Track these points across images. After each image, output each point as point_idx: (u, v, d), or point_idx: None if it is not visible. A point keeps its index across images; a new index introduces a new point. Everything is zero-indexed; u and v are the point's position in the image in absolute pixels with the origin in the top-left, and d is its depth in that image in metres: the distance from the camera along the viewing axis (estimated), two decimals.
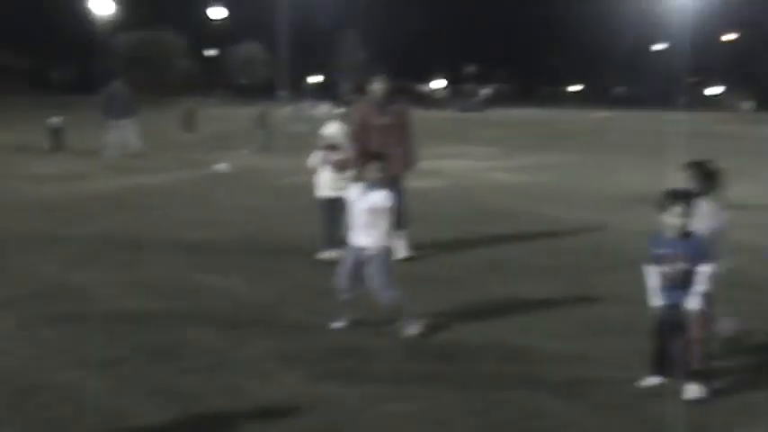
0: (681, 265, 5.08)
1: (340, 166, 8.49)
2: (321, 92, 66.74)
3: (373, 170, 6.19)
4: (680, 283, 5.09)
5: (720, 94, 75.01)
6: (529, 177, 17.09)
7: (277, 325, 6.35)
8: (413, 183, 9.76)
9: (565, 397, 4.99)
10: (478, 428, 4.55)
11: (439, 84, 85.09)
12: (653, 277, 5.24)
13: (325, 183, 8.70)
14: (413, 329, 6.14)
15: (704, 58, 65.57)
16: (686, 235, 5.12)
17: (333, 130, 9.02)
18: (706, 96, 75.22)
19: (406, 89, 78.95)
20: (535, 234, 10.48)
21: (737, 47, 74.12)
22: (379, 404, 4.85)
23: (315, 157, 8.81)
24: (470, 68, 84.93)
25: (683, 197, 5.13)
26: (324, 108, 9.87)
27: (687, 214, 5.08)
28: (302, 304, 6.91)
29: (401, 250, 8.73)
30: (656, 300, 5.22)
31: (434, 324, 6.28)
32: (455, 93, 65.23)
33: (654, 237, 5.26)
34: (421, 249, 9.05)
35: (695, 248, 5.10)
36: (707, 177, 5.74)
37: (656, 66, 73.12)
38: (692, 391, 4.99)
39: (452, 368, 5.47)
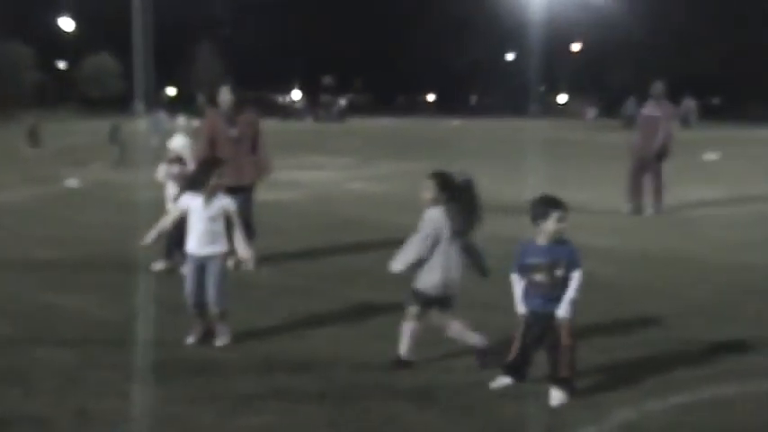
0: (558, 272, 5.23)
1: (182, 179, 8.42)
2: (177, 104, 65.48)
3: (214, 177, 6.17)
4: (550, 291, 5.24)
5: (566, 103, 78.30)
6: (385, 187, 17.33)
7: (129, 343, 6.21)
8: (268, 195, 9.75)
9: (420, 402, 5.11)
10: None
11: (297, 94, 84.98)
12: (518, 285, 5.37)
13: (170, 196, 8.64)
14: (224, 339, 6.16)
15: (554, 68, 68.37)
16: (562, 242, 5.29)
17: (178, 142, 8.97)
18: (556, 104, 78.31)
19: (263, 100, 78.50)
20: (389, 243, 10.59)
21: (584, 56, 77.66)
22: (234, 419, 4.83)
23: (161, 171, 8.75)
24: (328, 79, 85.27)
25: (560, 204, 5.26)
26: (180, 121, 9.72)
27: (564, 220, 5.24)
28: (155, 320, 6.77)
29: (250, 261, 8.69)
30: (522, 308, 5.34)
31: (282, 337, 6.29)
32: (313, 103, 65.33)
33: (524, 244, 5.39)
34: (273, 260, 9.04)
35: (570, 254, 5.27)
36: (446, 187, 5.86)
37: (509, 75, 75.51)
38: (557, 398, 5.15)
39: (308, 380, 5.50)
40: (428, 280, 5.66)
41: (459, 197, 5.74)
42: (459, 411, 4.99)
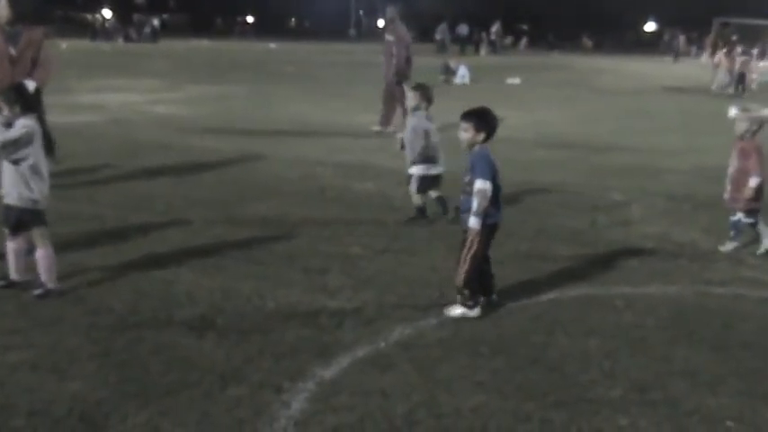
0: (467, 180, 5.31)
1: None
2: None
3: None
4: (467, 200, 5.32)
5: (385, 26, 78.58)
6: (191, 110, 16.80)
7: None
8: (63, 117, 9.19)
9: (198, 330, 5.01)
10: (101, 369, 4.44)
11: (108, 13, 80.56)
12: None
13: None
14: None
15: None
16: (473, 152, 5.36)
17: None
18: (376, 28, 78.34)
19: (71, 18, 73.85)
20: (191, 166, 10.37)
21: None
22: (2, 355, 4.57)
23: None
24: None
25: (465, 114, 5.41)
26: None
27: (463, 129, 5.37)
28: None
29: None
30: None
31: (71, 271, 5.98)
32: (124, 23, 62.06)
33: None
34: (70, 187, 8.59)
35: (470, 163, 5.33)
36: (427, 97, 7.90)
37: None
38: (451, 310, 5.39)
39: (80, 311, 5.27)
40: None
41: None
42: (236, 336, 4.93)
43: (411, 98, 8.07)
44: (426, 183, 7.82)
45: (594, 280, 6.23)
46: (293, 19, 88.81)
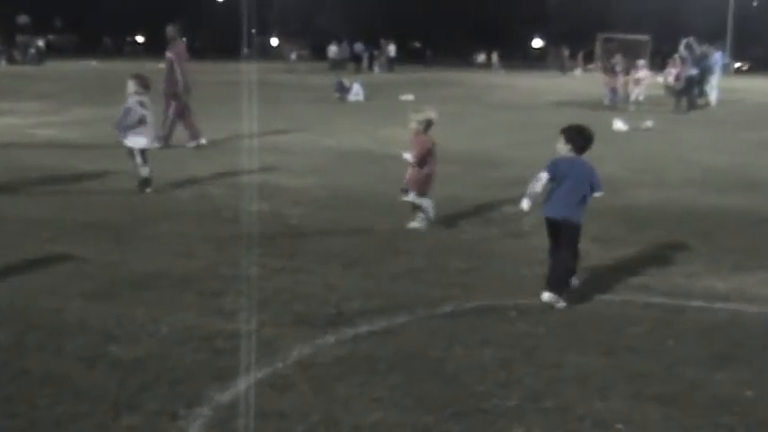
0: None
1: None
2: None
3: None
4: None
5: (277, 46, 78.31)
6: (80, 132, 16.32)
7: None
8: None
9: (88, 361, 4.86)
10: None
11: None
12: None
13: None
14: None
15: (265, 10, 68.12)
16: None
17: None
18: (270, 47, 77.99)
19: None
20: (79, 190, 10.09)
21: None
22: None
23: None
24: (23, 18, 78.66)
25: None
26: None
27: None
28: None
29: None
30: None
31: None
32: (7, 44, 59.96)
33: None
34: None
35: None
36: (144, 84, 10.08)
37: (219, 17, 74.12)
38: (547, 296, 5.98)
39: None
40: None
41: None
42: (130, 364, 4.81)
43: (130, 85, 10.05)
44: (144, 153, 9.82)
45: (488, 291, 6.36)
46: (184, 39, 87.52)
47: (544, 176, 6.31)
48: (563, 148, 6.34)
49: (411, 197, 8.32)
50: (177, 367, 4.79)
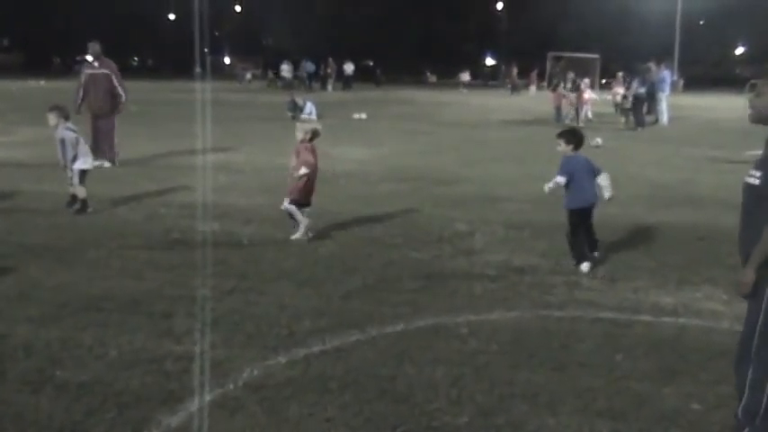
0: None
1: None
2: None
3: None
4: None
5: (230, 64, 77.99)
6: (27, 153, 16.03)
7: None
8: None
9: (33, 385, 4.78)
10: None
11: None
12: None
13: None
14: None
15: (218, 29, 67.96)
16: None
17: None
18: (223, 65, 77.62)
19: None
20: (25, 212, 9.91)
21: (244, 19, 77.98)
22: None
23: None
24: None
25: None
26: None
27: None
28: None
29: None
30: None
31: None
32: None
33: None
34: None
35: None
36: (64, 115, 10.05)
37: (171, 36, 73.66)
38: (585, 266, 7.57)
39: None
40: None
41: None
42: (76, 389, 4.73)
43: (52, 118, 9.98)
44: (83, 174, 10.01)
45: (440, 309, 6.38)
46: (135, 58, 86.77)
47: (562, 180, 7.60)
48: (566, 149, 7.74)
49: (285, 205, 8.66)
50: (125, 391, 4.72)
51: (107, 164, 14.23)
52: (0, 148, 16.97)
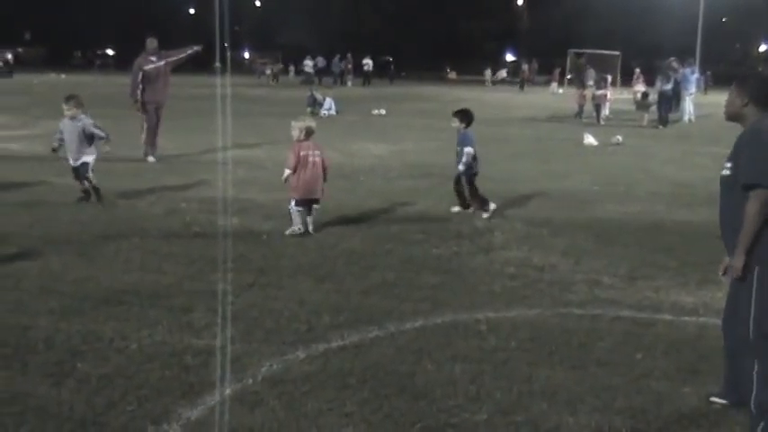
0: (458, 148, 9.91)
1: None
2: None
3: None
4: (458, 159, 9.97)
5: (248, 59, 78.14)
6: (48, 146, 16.11)
7: None
8: None
9: (55, 377, 4.82)
10: None
11: None
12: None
13: None
14: None
15: (238, 24, 68.34)
16: None
17: None
18: (244, 60, 77.80)
19: None
20: (48, 204, 9.98)
21: (263, 14, 78.18)
22: None
23: None
24: None
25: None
26: None
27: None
28: None
29: None
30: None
31: None
32: None
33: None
34: None
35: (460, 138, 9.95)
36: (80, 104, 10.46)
37: (191, 30, 74.02)
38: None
39: None
40: None
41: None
42: (97, 381, 4.77)
43: (72, 107, 10.33)
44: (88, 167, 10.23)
45: (459, 306, 6.37)
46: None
47: (473, 151, 9.70)
48: (460, 126, 9.88)
49: (291, 206, 8.75)
50: (145, 384, 4.75)
51: (151, 158, 14.47)
52: (23, 141, 17.09)
